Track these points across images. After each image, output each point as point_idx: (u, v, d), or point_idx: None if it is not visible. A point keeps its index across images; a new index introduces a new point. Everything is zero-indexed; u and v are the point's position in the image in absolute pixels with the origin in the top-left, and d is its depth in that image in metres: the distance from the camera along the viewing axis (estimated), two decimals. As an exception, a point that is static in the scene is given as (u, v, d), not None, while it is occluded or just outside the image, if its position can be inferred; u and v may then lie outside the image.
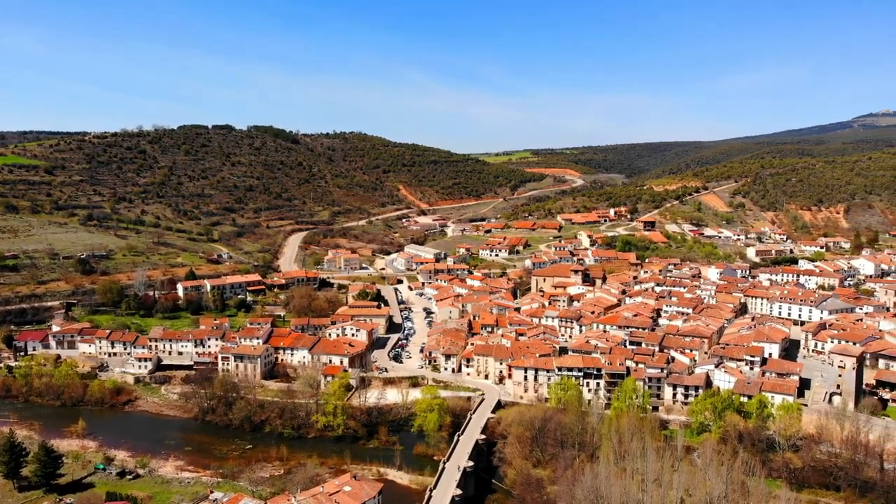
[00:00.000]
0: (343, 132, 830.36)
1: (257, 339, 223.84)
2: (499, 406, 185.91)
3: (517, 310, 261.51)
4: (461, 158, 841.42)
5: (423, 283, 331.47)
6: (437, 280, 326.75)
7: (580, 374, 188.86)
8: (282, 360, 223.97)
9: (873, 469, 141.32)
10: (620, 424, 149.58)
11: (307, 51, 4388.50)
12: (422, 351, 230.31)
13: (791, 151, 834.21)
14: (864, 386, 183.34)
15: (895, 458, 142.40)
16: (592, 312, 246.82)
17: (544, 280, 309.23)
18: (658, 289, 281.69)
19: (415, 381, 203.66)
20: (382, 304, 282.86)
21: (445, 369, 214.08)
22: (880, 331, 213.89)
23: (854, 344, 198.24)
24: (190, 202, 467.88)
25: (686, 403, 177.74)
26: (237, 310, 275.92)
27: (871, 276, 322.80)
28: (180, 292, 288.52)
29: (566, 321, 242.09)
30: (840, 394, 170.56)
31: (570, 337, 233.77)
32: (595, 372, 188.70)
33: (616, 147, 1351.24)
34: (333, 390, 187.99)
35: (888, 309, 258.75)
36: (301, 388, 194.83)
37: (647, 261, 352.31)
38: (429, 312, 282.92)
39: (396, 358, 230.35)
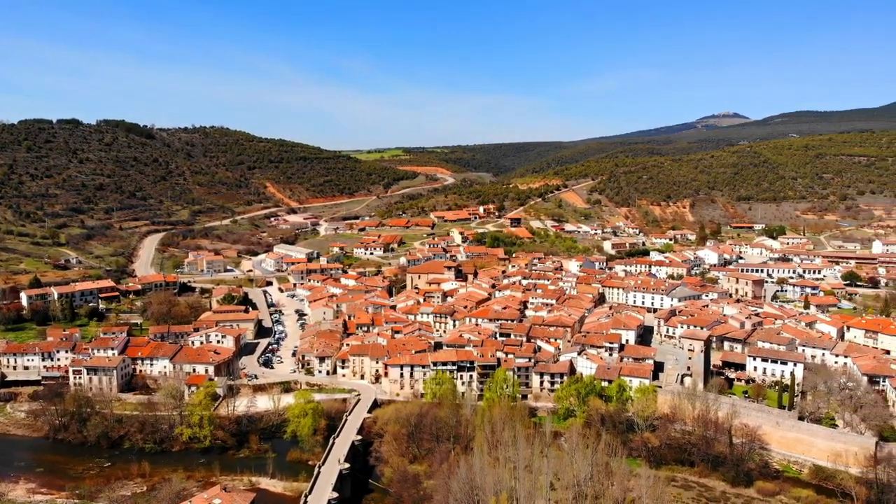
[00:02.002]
0: (203, 126, 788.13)
1: (112, 349, 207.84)
2: (375, 405, 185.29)
3: (393, 308, 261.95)
4: (332, 155, 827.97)
5: (294, 285, 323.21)
6: (309, 280, 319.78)
7: (454, 367, 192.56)
8: (140, 371, 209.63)
9: (723, 444, 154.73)
10: (493, 414, 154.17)
11: (163, 41, 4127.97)
12: (294, 355, 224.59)
13: (642, 151, 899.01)
14: (711, 367, 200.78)
15: (742, 434, 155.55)
16: (465, 307, 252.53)
17: (419, 277, 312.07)
18: (525, 282, 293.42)
19: (287, 386, 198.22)
20: (250, 308, 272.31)
21: (320, 372, 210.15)
22: (724, 315, 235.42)
23: (701, 329, 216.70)
24: (33, 203, 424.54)
25: (553, 390, 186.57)
26: (89, 319, 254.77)
27: (714, 265, 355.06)
28: (24, 302, 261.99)
29: (441, 316, 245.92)
30: (690, 375, 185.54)
31: (445, 332, 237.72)
32: (468, 365, 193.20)
33: (484, 147, 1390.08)
34: (198, 400, 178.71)
35: (731, 295, 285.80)
36: (163, 399, 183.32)
37: (514, 255, 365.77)
38: (301, 314, 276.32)
39: (267, 363, 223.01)
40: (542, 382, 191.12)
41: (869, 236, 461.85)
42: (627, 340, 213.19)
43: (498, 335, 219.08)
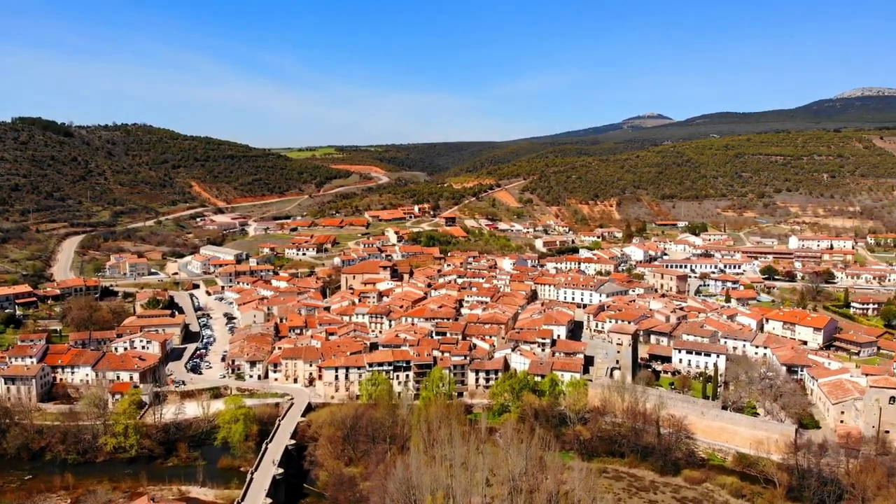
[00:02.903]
0: (125, 124, 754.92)
1: (31, 357, 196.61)
2: (309, 409, 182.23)
3: (327, 309, 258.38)
4: (261, 153, 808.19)
5: (222, 287, 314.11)
6: (238, 283, 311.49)
7: (390, 367, 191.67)
8: (61, 379, 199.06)
9: (651, 435, 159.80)
10: (429, 413, 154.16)
11: (81, 35, 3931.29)
12: (224, 359, 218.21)
13: (571, 151, 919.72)
14: (639, 360, 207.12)
15: (669, 424, 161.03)
16: (401, 306, 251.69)
17: (354, 277, 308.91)
18: (460, 280, 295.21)
19: (217, 392, 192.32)
20: (177, 312, 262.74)
21: (251, 377, 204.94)
22: (650, 310, 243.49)
23: (629, 323, 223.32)
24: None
25: (488, 387, 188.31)
26: (5, 326, 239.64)
27: (640, 262, 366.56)
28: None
29: (376, 317, 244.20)
30: (619, 368, 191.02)
31: (381, 332, 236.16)
32: (404, 364, 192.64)
33: (418, 146, 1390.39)
34: (123, 409, 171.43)
35: (656, 290, 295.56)
36: (85, 408, 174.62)
37: (449, 254, 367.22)
38: (230, 318, 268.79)
39: (195, 369, 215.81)
40: (477, 379, 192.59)
41: (785, 232, 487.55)
42: (559, 336, 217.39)
43: (434, 334, 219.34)
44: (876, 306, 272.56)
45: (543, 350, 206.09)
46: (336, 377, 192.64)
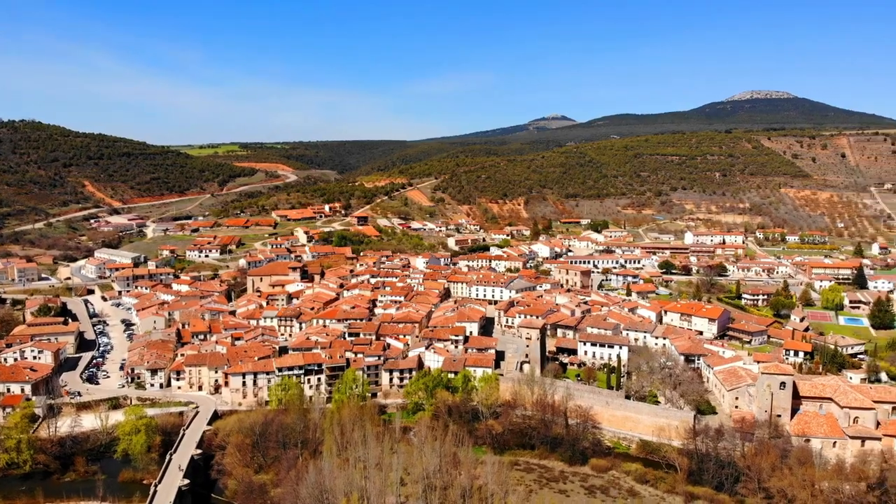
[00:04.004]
0: (12, 121, 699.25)
1: None
2: (216, 417, 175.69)
3: (232, 313, 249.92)
4: (159, 151, 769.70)
5: (119, 292, 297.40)
6: (136, 287, 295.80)
7: (301, 371, 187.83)
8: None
9: (560, 426, 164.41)
10: (342, 416, 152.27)
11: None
12: (122, 368, 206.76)
13: (480, 151, 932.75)
14: (547, 353, 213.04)
15: (577, 415, 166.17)
16: (312, 308, 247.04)
17: (261, 279, 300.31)
18: (373, 280, 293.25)
19: (116, 403, 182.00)
20: (70, 320, 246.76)
21: (152, 385, 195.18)
22: (557, 305, 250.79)
23: (537, 318, 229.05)
24: None
25: (402, 386, 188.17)
26: None
27: (547, 258, 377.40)
28: None
29: (286, 320, 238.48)
30: (529, 362, 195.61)
31: (291, 335, 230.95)
32: (316, 368, 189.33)
33: (327, 143, 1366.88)
34: (15, 423, 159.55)
35: (562, 285, 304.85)
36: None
37: (362, 254, 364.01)
38: (129, 324, 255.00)
39: (91, 379, 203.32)
40: (391, 379, 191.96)
41: (681, 228, 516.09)
42: (471, 332, 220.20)
43: (347, 335, 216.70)
44: (765, 297, 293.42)
45: (457, 347, 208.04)
46: (244, 383, 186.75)
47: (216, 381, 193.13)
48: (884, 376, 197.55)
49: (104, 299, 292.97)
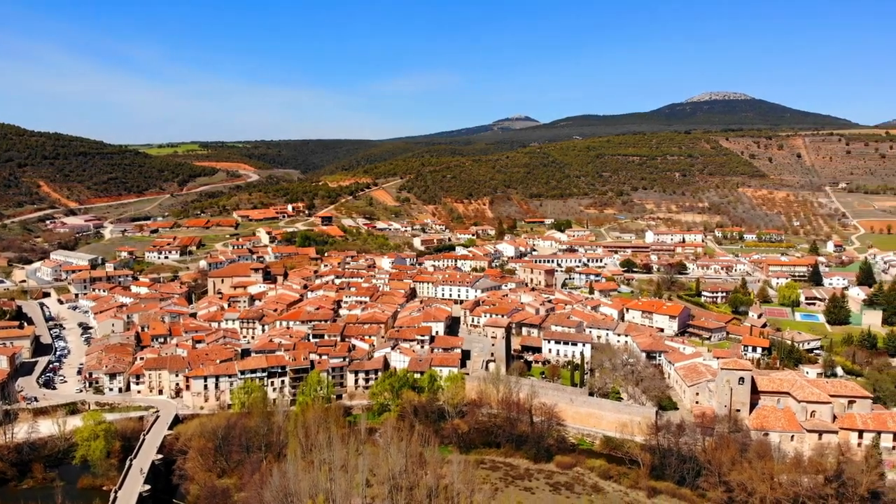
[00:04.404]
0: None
1: None
2: (178, 421, 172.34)
3: (193, 315, 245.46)
4: (117, 150, 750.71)
5: (76, 295, 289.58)
6: (94, 290, 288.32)
7: (264, 374, 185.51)
8: None
9: (525, 424, 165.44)
10: (306, 418, 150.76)
11: None
12: (80, 373, 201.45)
13: (445, 151, 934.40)
14: (512, 352, 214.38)
15: (541, 412, 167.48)
16: (275, 310, 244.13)
17: (222, 281, 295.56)
18: (338, 281, 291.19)
19: (74, 408, 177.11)
20: (25, 324, 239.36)
21: (111, 390, 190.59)
22: (522, 303, 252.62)
23: (502, 316, 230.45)
24: None
25: (367, 387, 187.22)
26: None
27: (512, 258, 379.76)
28: None
29: (248, 322, 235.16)
30: (494, 361, 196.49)
31: (254, 338, 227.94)
32: (280, 370, 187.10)
33: (290, 142, 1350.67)
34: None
35: (527, 284, 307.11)
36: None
37: (326, 254, 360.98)
38: (86, 328, 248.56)
39: (48, 384, 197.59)
40: (357, 380, 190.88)
41: (642, 227, 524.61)
42: (437, 332, 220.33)
43: (311, 337, 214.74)
44: (724, 294, 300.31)
45: (423, 347, 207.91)
46: (205, 387, 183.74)
47: (177, 384, 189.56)
48: (839, 371, 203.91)
49: (60, 302, 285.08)
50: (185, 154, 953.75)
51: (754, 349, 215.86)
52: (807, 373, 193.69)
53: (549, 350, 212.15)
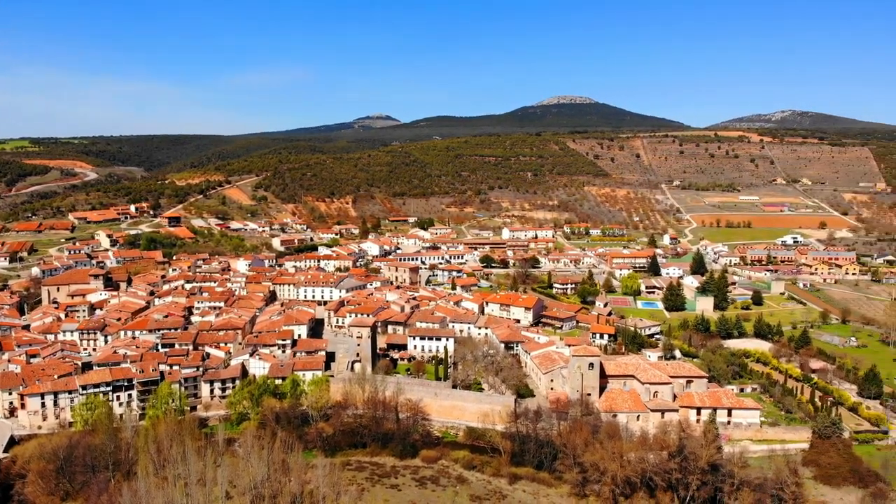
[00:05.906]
0: None
1: None
2: (14, 443, 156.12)
3: (26, 327, 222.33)
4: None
5: None
6: None
7: (109, 388, 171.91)
8: None
9: (391, 421, 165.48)
10: (158, 433, 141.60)
11: None
12: None
13: (305, 148, 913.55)
14: (378, 350, 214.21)
15: (407, 409, 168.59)
16: (119, 319, 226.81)
17: (58, 289, 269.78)
18: (188, 286, 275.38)
19: None
20: None
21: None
22: (387, 302, 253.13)
23: (368, 316, 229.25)
24: None
25: (224, 397, 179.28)
26: None
27: (377, 256, 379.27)
28: None
29: (89, 333, 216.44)
30: (360, 361, 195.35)
31: (96, 349, 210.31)
32: (126, 383, 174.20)
33: (132, 138, 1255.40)
34: None
35: (392, 282, 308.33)
36: None
37: (175, 258, 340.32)
38: None
39: None
40: (212, 390, 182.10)
41: (499, 225, 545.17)
42: (300, 335, 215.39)
43: (160, 346, 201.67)
44: (573, 286, 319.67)
45: (284, 351, 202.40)
46: (43, 405, 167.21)
47: (10, 403, 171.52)
48: (678, 353, 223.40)
49: None
50: (13, 151, 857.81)
51: (602, 336, 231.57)
52: (649, 356, 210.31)
53: (415, 346, 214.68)
